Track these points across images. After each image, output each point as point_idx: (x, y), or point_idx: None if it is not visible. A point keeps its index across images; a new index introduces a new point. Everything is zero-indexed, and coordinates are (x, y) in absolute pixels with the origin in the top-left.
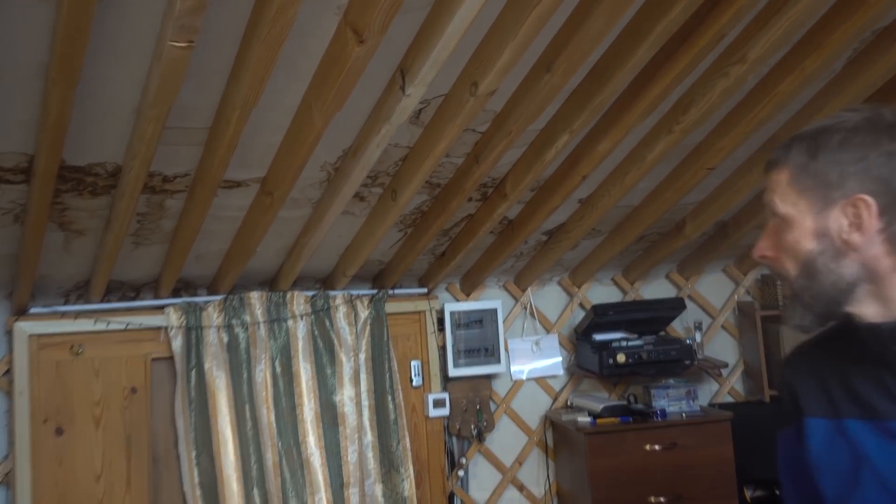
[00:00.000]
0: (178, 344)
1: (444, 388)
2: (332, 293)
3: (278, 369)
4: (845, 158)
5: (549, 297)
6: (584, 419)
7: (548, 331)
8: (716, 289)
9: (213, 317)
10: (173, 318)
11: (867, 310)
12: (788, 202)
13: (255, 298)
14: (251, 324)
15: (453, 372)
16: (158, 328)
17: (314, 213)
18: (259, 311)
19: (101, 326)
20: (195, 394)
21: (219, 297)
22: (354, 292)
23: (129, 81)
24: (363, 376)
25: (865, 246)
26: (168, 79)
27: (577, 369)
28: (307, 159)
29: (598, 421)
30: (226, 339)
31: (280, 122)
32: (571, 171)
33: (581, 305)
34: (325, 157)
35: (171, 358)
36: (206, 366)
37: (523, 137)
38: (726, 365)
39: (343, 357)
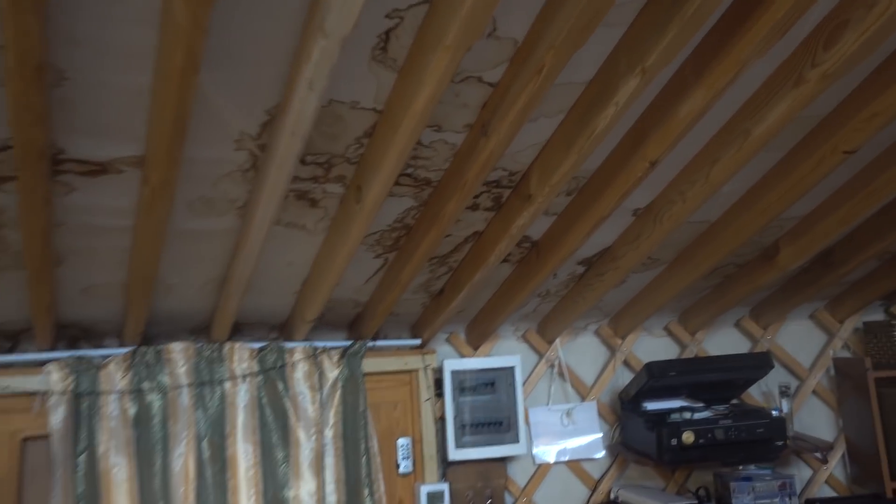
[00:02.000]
0: (58, 417)
1: (444, 477)
2: (288, 345)
3: (206, 453)
4: None
5: (584, 352)
6: None
7: (583, 397)
8: (802, 341)
9: (114, 378)
10: (55, 378)
11: None
12: None
13: (178, 352)
14: (171, 388)
15: (455, 454)
16: (34, 394)
17: (242, 222)
18: (182, 370)
19: None
20: (84, 489)
21: (125, 350)
22: (320, 344)
23: None
24: (329, 461)
25: None
26: None
27: (622, 449)
28: (188, 106)
29: None
30: (132, 411)
31: (138, 40)
32: (633, 154)
33: (626, 363)
34: (240, 125)
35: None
36: (101, 449)
37: (561, 97)
38: (832, 447)
39: (301, 434)
